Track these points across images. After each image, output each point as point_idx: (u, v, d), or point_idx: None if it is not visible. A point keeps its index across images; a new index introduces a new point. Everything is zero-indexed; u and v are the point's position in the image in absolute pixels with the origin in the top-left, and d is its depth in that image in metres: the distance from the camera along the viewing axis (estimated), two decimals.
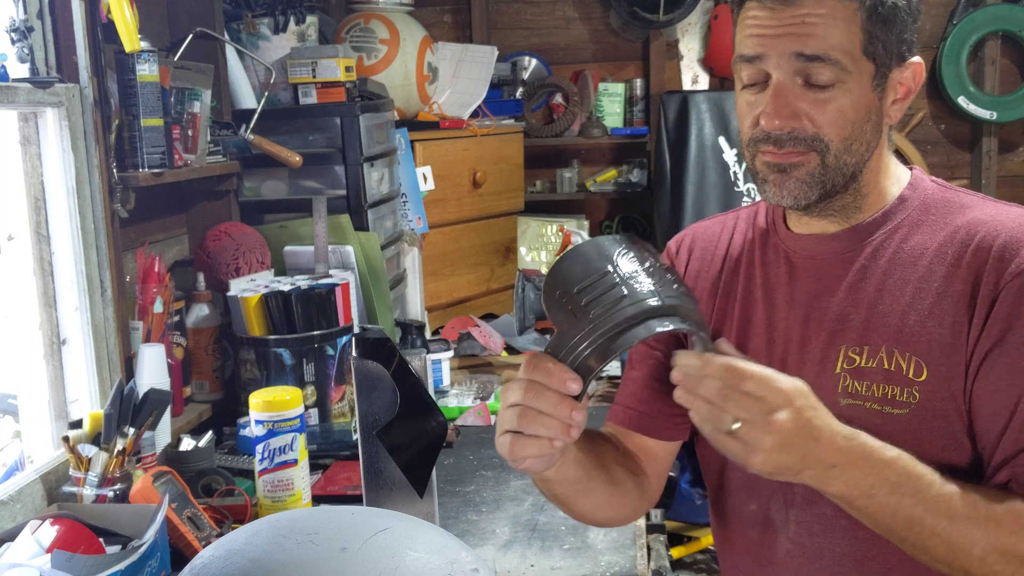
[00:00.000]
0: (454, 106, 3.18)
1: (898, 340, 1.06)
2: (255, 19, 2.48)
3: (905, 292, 1.07)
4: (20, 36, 1.65)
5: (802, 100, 1.04)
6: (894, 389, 1.05)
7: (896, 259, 1.09)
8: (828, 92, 1.04)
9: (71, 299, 1.74)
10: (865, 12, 1.03)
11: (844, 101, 1.04)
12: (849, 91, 1.04)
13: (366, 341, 1.51)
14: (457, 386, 2.37)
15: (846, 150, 1.06)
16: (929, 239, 1.09)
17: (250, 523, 1.06)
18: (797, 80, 1.04)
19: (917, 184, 1.14)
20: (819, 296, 1.12)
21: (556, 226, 3.69)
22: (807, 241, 1.15)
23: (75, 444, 1.56)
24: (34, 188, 1.72)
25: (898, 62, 1.08)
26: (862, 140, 1.07)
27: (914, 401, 1.04)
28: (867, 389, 1.07)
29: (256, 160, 2.33)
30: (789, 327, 1.14)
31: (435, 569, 0.96)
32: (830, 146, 1.05)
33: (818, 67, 1.03)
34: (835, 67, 1.03)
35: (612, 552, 1.54)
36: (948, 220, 1.09)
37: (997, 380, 1.02)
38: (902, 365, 1.05)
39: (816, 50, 1.02)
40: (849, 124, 1.05)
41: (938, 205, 1.12)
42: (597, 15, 4.00)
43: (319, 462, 1.90)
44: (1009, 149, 3.93)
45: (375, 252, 2.37)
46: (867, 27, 1.04)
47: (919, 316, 1.06)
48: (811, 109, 1.04)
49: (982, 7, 3.75)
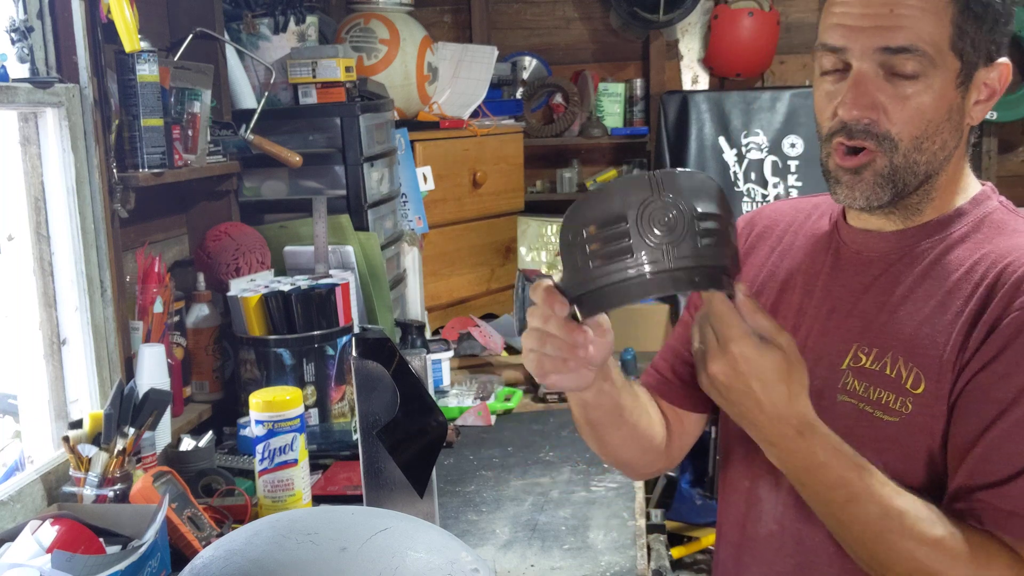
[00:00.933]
0: (454, 106, 3.18)
1: (906, 349, 1.05)
2: (255, 19, 2.48)
3: (928, 303, 1.06)
4: (20, 36, 1.65)
5: (882, 92, 1.03)
6: (889, 396, 1.05)
7: (931, 270, 1.08)
8: (911, 85, 1.02)
9: (71, 299, 1.74)
10: (957, 6, 1.01)
11: (925, 97, 1.02)
12: (931, 86, 1.02)
13: (366, 341, 1.51)
14: (457, 386, 2.38)
15: (916, 148, 1.04)
16: (967, 256, 1.06)
17: (250, 523, 1.06)
18: (880, 71, 1.03)
19: (982, 200, 1.12)
20: (851, 291, 1.12)
21: (556, 226, 3.69)
22: (859, 235, 1.14)
23: (75, 444, 1.56)
24: (34, 188, 1.72)
25: (986, 62, 1.05)
26: (937, 139, 1.05)
27: (906, 412, 1.04)
28: (864, 390, 1.07)
29: (256, 160, 2.33)
30: (816, 316, 1.14)
31: (435, 569, 0.96)
32: (899, 145, 1.04)
33: (903, 58, 1.01)
34: (921, 59, 1.01)
35: (612, 552, 1.54)
36: (992, 240, 1.07)
37: (971, 407, 1.01)
38: (903, 374, 1.05)
39: (903, 42, 1.00)
40: (925, 122, 1.03)
41: (991, 224, 1.09)
42: (597, 15, 4.00)
43: (319, 462, 1.90)
44: (1009, 149, 3.93)
45: (375, 252, 2.37)
46: (958, 21, 1.01)
47: (932, 330, 1.04)
48: (890, 103, 1.03)
49: None
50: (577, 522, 1.66)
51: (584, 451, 1.98)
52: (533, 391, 2.41)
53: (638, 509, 1.71)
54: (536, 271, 3.54)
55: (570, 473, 1.88)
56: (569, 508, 1.72)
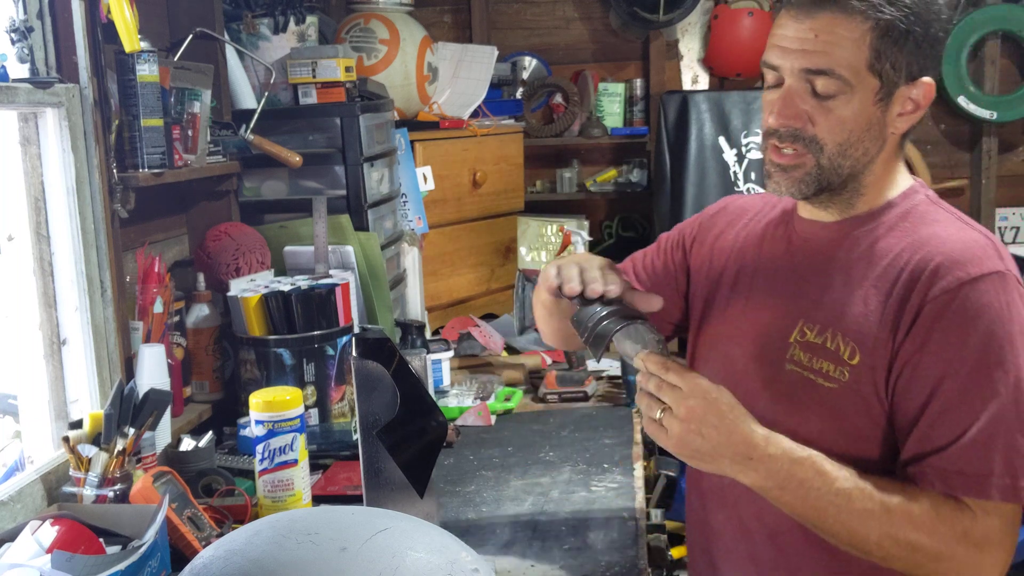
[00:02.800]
0: (454, 106, 3.18)
1: (842, 325, 1.21)
2: (255, 19, 2.48)
3: (862, 286, 1.22)
4: (20, 36, 1.65)
5: (807, 104, 1.19)
6: (829, 365, 1.21)
7: (864, 256, 1.23)
8: (830, 102, 1.18)
9: (71, 299, 1.74)
10: (876, 32, 1.16)
11: (845, 111, 1.18)
12: (850, 102, 1.18)
13: (366, 341, 1.51)
14: (457, 386, 2.37)
15: (841, 154, 1.21)
16: (895, 244, 1.22)
17: (250, 523, 1.06)
18: (806, 87, 1.19)
19: (910, 194, 1.27)
20: (800, 274, 1.29)
21: (556, 226, 3.69)
22: (806, 225, 1.31)
23: (75, 444, 1.56)
24: (34, 188, 1.72)
25: (907, 80, 1.19)
26: (860, 146, 1.21)
27: (843, 379, 1.20)
28: (808, 360, 1.23)
29: (256, 160, 2.33)
30: (769, 294, 1.31)
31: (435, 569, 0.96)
32: (824, 149, 1.20)
33: (823, 80, 1.17)
34: (837, 80, 1.17)
35: (612, 552, 1.54)
36: (916, 230, 1.22)
37: (911, 386, 1.16)
38: (841, 347, 1.20)
39: (821, 65, 1.17)
40: (847, 132, 1.19)
41: (916, 215, 1.25)
42: (597, 15, 4.00)
43: (319, 462, 1.90)
44: (1009, 149, 3.93)
45: (375, 252, 2.37)
46: (876, 46, 1.16)
47: (864, 309, 1.20)
48: (814, 113, 1.19)
49: (982, 7, 3.75)
50: (577, 522, 1.66)
51: (584, 451, 1.98)
52: (533, 391, 2.41)
53: (638, 509, 1.71)
54: (536, 271, 3.54)
55: (570, 473, 1.88)
56: (569, 508, 1.72)
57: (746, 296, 1.35)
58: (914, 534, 1.13)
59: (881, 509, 1.13)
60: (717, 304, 1.41)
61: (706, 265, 1.44)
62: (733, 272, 1.39)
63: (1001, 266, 1.16)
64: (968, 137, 3.93)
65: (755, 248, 1.37)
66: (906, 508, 1.13)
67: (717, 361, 1.37)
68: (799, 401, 1.23)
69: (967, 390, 1.13)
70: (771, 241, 1.36)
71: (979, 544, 1.12)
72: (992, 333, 1.13)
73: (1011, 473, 1.11)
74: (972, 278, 1.14)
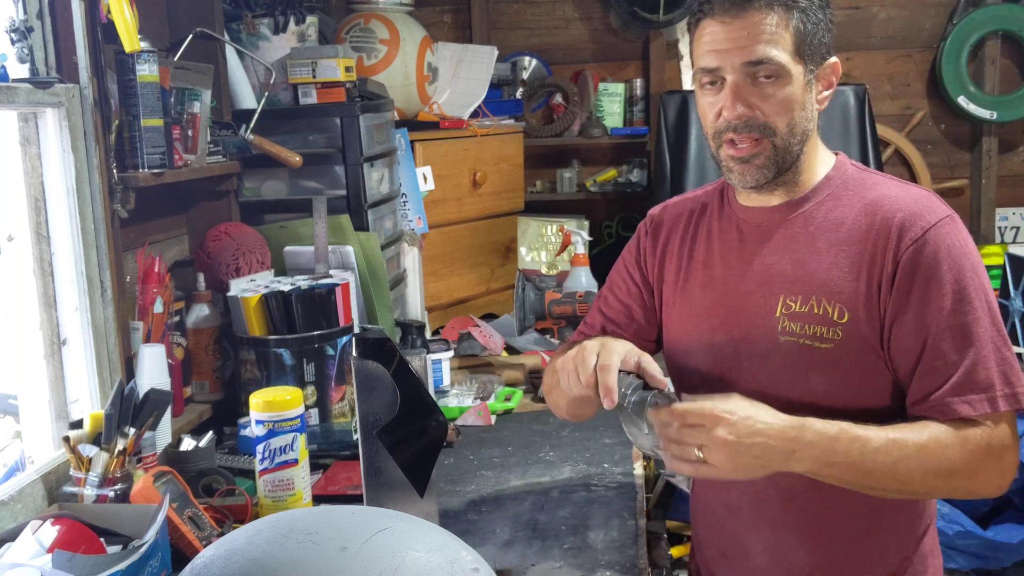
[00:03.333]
0: (454, 106, 3.18)
1: (824, 290, 1.33)
2: (255, 19, 2.48)
3: (830, 253, 1.34)
4: (20, 36, 1.65)
5: (753, 95, 1.31)
6: (822, 328, 1.32)
7: (823, 226, 1.36)
8: (772, 86, 1.30)
9: (71, 299, 1.74)
10: (796, 21, 1.30)
11: (786, 91, 1.31)
12: (787, 85, 1.31)
13: (366, 341, 1.51)
14: (457, 386, 2.37)
15: (790, 132, 1.33)
16: (848, 211, 1.36)
17: (251, 523, 1.06)
18: (748, 80, 1.31)
19: (841, 166, 1.41)
20: (763, 256, 1.39)
21: (556, 226, 3.69)
22: (753, 212, 1.42)
23: (76, 444, 1.56)
24: (34, 188, 1.72)
25: (819, 62, 1.34)
26: (801, 125, 1.33)
27: (837, 338, 1.31)
28: (800, 328, 1.34)
29: (256, 160, 2.33)
30: (739, 282, 1.41)
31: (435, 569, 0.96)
32: (777, 130, 1.32)
33: (763, 68, 1.29)
34: (776, 65, 1.29)
35: (612, 552, 1.54)
36: (862, 195, 1.36)
37: (906, 334, 1.29)
38: (828, 310, 1.32)
39: (758, 56, 1.29)
40: (791, 112, 1.32)
41: (855, 183, 1.38)
42: (597, 15, 4.00)
43: (319, 462, 1.90)
44: (1009, 149, 3.93)
45: (375, 252, 2.37)
46: (797, 34, 1.30)
47: (841, 272, 1.33)
48: (760, 101, 1.31)
49: (982, 7, 3.75)
50: (577, 522, 1.66)
51: (584, 451, 1.98)
52: (533, 391, 2.41)
53: (638, 509, 1.71)
54: (536, 271, 3.54)
55: (570, 473, 1.88)
56: (569, 508, 1.72)
57: (714, 288, 1.44)
58: (948, 461, 1.25)
59: (916, 450, 1.24)
60: (686, 303, 1.49)
61: (663, 274, 1.53)
62: (693, 271, 1.48)
63: (948, 210, 1.33)
64: (968, 137, 3.93)
65: (706, 244, 1.47)
66: (935, 441, 1.25)
67: (702, 353, 1.45)
68: (800, 367, 1.34)
69: (954, 323, 1.27)
70: (720, 234, 1.46)
71: (998, 452, 1.27)
72: (960, 267, 1.29)
73: (1008, 383, 1.27)
74: (932, 224, 1.30)
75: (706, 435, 1.21)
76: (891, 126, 3.91)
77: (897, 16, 3.89)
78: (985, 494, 1.31)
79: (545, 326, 2.71)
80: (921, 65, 3.91)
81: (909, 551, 1.42)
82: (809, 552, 1.43)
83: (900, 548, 1.42)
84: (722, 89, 1.33)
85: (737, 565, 1.52)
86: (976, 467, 1.26)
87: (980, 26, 3.74)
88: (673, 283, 1.52)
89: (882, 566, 1.42)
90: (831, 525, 1.40)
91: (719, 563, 1.56)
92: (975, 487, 1.29)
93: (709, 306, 1.44)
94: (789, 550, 1.44)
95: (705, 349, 1.45)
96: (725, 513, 1.51)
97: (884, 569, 1.42)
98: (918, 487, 1.28)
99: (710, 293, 1.45)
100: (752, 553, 1.48)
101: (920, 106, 3.91)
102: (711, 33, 1.32)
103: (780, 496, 1.40)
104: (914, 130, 3.92)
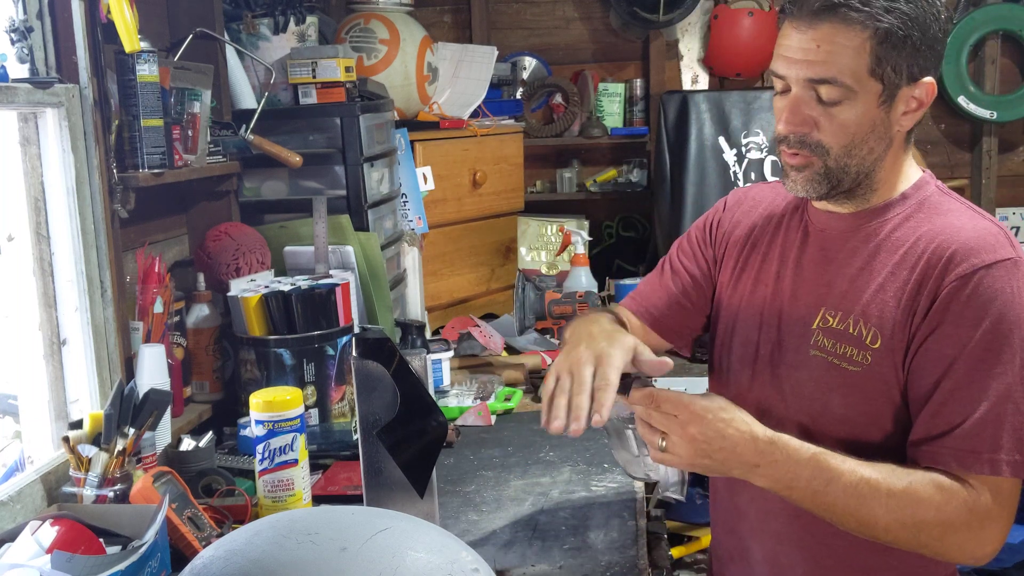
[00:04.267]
0: (454, 106, 3.18)
1: (865, 312, 1.28)
2: (255, 19, 2.48)
3: (881, 274, 1.29)
4: (20, 36, 1.65)
5: (813, 111, 1.26)
6: (852, 350, 1.28)
7: (883, 245, 1.31)
8: (835, 108, 1.24)
9: (71, 299, 1.74)
10: (876, 39, 1.21)
11: (848, 115, 1.24)
12: (853, 107, 1.24)
13: (366, 341, 1.51)
14: (457, 386, 2.37)
15: (846, 155, 1.27)
16: (911, 233, 1.30)
17: (250, 523, 1.06)
18: (811, 94, 1.25)
19: (922, 185, 1.34)
20: (818, 263, 1.36)
21: (556, 226, 3.69)
22: (822, 216, 1.38)
23: (75, 444, 1.56)
24: (34, 188, 1.72)
25: (908, 81, 1.25)
26: (864, 147, 1.27)
27: (866, 363, 1.27)
28: (832, 346, 1.30)
29: (256, 160, 2.33)
30: (790, 284, 1.38)
31: (435, 569, 0.96)
32: (831, 152, 1.27)
33: (826, 88, 1.24)
34: (840, 88, 1.23)
35: (612, 552, 1.54)
36: (930, 220, 1.30)
37: (925, 365, 1.24)
38: (863, 332, 1.27)
39: (823, 75, 1.23)
40: (851, 135, 1.26)
41: (930, 206, 1.32)
42: (597, 15, 4.00)
43: (319, 462, 1.90)
44: (1009, 149, 3.93)
45: (375, 252, 2.37)
46: (876, 52, 1.21)
47: (884, 296, 1.28)
48: (820, 119, 1.26)
49: (982, 7, 3.75)
50: (577, 522, 1.66)
51: (584, 451, 1.98)
52: (533, 391, 2.41)
53: (638, 509, 1.71)
54: (536, 271, 3.54)
55: (570, 473, 1.88)
56: (569, 508, 1.72)
57: (766, 284, 1.42)
58: (921, 513, 1.19)
59: (887, 496, 1.19)
60: (738, 292, 1.48)
61: (726, 255, 1.51)
62: (752, 261, 1.46)
63: (1013, 254, 1.23)
64: (968, 137, 3.93)
65: (771, 237, 1.45)
66: (912, 491, 1.19)
67: (739, 348, 1.44)
68: (824, 385, 1.31)
69: (977, 370, 1.19)
70: (787, 231, 1.43)
71: (982, 518, 1.19)
72: (1003, 316, 1.19)
73: (1019, 450, 1.18)
74: (986, 264, 1.21)
75: (677, 425, 1.20)
76: None
77: None
78: (957, 560, 1.25)
79: (545, 326, 2.71)
80: None
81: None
82: (808, 572, 1.40)
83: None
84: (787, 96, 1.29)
85: (742, 569, 1.52)
86: (948, 527, 1.20)
87: (980, 26, 3.74)
88: (728, 267, 1.51)
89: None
90: (835, 550, 1.35)
91: (727, 565, 1.56)
92: (946, 547, 1.21)
93: (756, 301, 1.42)
94: (789, 566, 1.42)
95: (741, 344, 1.43)
96: (735, 516, 1.51)
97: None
98: (880, 534, 1.22)
99: (759, 289, 1.44)
100: (754, 561, 1.48)
101: None
102: (787, 37, 1.26)
103: (787, 510, 1.35)
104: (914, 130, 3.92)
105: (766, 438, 1.21)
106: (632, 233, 4.03)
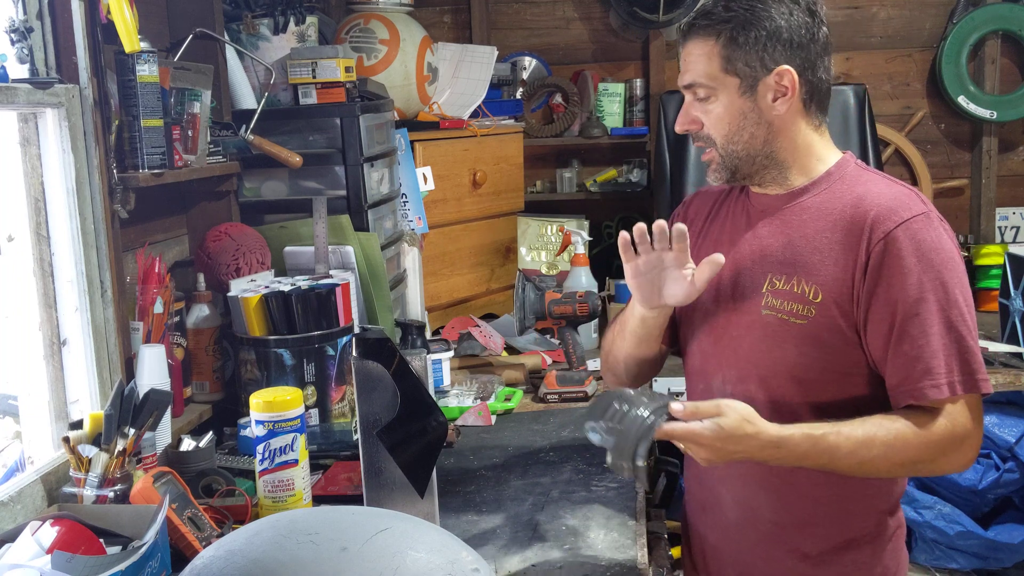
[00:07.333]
0: (454, 106, 3.18)
1: (805, 272, 1.47)
2: (255, 20, 2.48)
3: (816, 239, 1.47)
4: (20, 36, 1.65)
5: (697, 111, 1.51)
6: (798, 306, 1.46)
7: (815, 215, 1.49)
8: (708, 104, 1.49)
9: (71, 300, 1.74)
10: (720, 43, 1.46)
11: (718, 109, 1.48)
12: (720, 101, 1.48)
13: (366, 341, 1.51)
14: (457, 386, 2.37)
15: (729, 142, 1.50)
16: (836, 203, 1.48)
17: (251, 523, 1.06)
18: (691, 98, 1.51)
19: (843, 164, 1.53)
20: (761, 238, 1.54)
21: (556, 226, 3.69)
22: (759, 199, 1.57)
23: (75, 445, 1.56)
24: (34, 188, 1.72)
25: (765, 72, 1.46)
26: (744, 132, 1.49)
27: (811, 315, 1.45)
28: (780, 304, 1.48)
29: (256, 160, 2.33)
30: (740, 260, 1.55)
31: (435, 569, 0.96)
32: (717, 142, 1.50)
33: (694, 89, 1.50)
34: (705, 87, 1.48)
35: (612, 552, 1.55)
36: (851, 190, 1.48)
37: (876, 320, 1.42)
38: (806, 289, 1.46)
39: (690, 80, 1.50)
40: (726, 124, 1.49)
41: (851, 179, 1.50)
42: (597, 15, 4.00)
43: (319, 462, 1.90)
44: (1009, 149, 3.93)
45: (375, 252, 2.37)
46: (723, 53, 1.46)
47: (821, 256, 1.46)
48: (702, 117, 1.51)
49: (982, 6, 3.75)
50: (577, 522, 1.66)
51: (584, 451, 1.98)
52: (533, 391, 2.41)
53: (638, 509, 1.71)
54: (536, 271, 3.54)
55: (570, 473, 1.88)
56: (569, 508, 1.72)
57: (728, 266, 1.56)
58: (913, 454, 1.38)
59: (882, 448, 1.37)
60: None
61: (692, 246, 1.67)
62: (707, 247, 1.61)
63: (925, 208, 1.43)
64: (968, 137, 3.93)
65: (721, 223, 1.63)
66: (902, 438, 1.38)
67: (699, 320, 1.61)
68: (778, 338, 1.48)
69: (916, 312, 1.39)
70: (733, 215, 1.62)
71: (959, 437, 1.39)
72: (928, 260, 1.39)
73: (967, 370, 1.38)
74: (903, 220, 1.41)
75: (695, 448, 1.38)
76: (891, 126, 3.91)
77: (897, 16, 3.89)
78: (948, 472, 1.47)
79: (545, 326, 2.70)
80: (921, 65, 3.90)
81: (872, 521, 1.53)
82: (775, 510, 1.54)
83: (865, 516, 1.53)
84: None
85: (712, 518, 1.64)
86: (937, 455, 1.39)
87: (980, 26, 3.74)
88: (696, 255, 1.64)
89: (844, 531, 1.53)
90: (799, 486, 1.51)
91: (699, 516, 1.68)
92: (937, 469, 1.43)
93: (713, 279, 1.55)
94: (757, 506, 1.56)
95: (702, 318, 1.60)
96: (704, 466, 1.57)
97: (845, 534, 1.53)
98: (883, 474, 1.46)
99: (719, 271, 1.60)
100: (724, 506, 1.60)
101: (920, 106, 3.91)
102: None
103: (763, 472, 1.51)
104: (914, 130, 3.92)
105: (771, 441, 1.36)
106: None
